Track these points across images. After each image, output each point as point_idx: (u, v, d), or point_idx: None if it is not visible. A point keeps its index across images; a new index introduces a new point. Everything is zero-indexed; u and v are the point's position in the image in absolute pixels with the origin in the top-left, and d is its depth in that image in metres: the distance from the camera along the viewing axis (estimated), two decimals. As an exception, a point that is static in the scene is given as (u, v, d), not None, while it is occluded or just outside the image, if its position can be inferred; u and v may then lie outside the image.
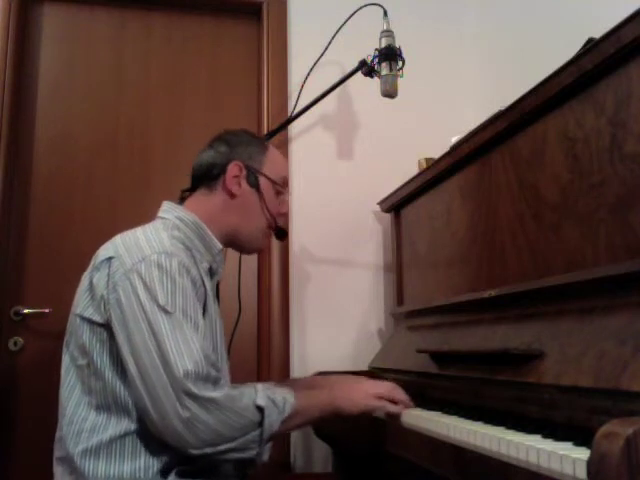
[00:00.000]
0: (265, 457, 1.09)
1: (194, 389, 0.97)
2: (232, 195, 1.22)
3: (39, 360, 1.86)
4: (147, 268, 1.03)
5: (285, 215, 1.34)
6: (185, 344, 1.00)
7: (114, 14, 2.13)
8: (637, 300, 0.90)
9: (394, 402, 1.18)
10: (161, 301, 1.01)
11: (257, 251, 1.34)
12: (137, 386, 1.00)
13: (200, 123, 2.10)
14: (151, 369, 0.99)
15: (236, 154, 1.24)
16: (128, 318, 1.01)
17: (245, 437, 1.01)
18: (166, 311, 1.01)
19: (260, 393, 1.04)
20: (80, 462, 1.02)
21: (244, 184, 1.23)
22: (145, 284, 1.02)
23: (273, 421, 1.03)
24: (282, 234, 1.35)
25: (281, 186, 1.29)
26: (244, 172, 1.23)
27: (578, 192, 1.08)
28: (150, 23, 2.15)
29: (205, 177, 1.24)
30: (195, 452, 0.99)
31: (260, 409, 1.02)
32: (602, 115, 1.03)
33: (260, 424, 1.02)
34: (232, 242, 1.27)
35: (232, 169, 1.22)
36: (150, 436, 1.03)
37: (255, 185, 1.24)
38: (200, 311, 1.08)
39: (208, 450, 0.99)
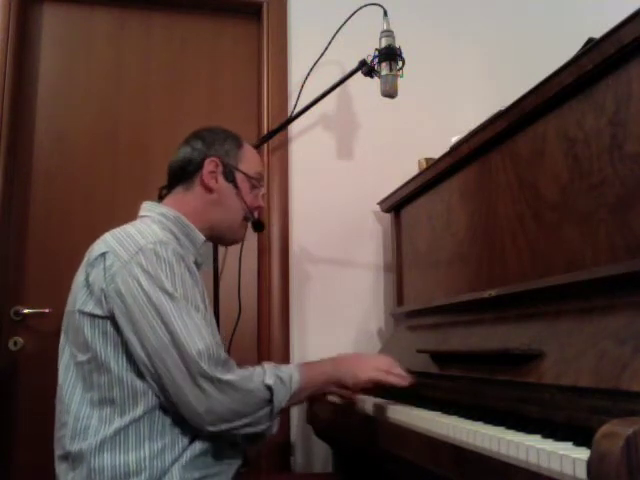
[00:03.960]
0: (275, 429, 1.14)
1: (209, 371, 1.02)
2: (209, 190, 1.26)
3: (39, 360, 1.86)
4: (145, 257, 1.06)
5: (261, 209, 1.38)
6: (193, 326, 1.04)
7: (114, 14, 2.12)
8: (637, 300, 0.90)
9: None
10: (164, 286, 1.05)
11: (236, 242, 1.39)
12: (149, 371, 1.04)
13: (200, 123, 2.06)
14: (162, 351, 1.02)
15: (212, 150, 1.28)
16: (132, 307, 1.04)
17: (257, 413, 1.07)
18: (171, 295, 1.04)
19: (268, 372, 1.10)
20: (87, 456, 1.04)
21: (220, 179, 1.27)
22: (146, 272, 1.05)
23: (281, 398, 1.09)
24: (259, 226, 1.40)
25: (257, 181, 1.33)
26: (220, 167, 1.27)
27: (578, 192, 1.08)
28: (150, 23, 2.15)
29: (181, 174, 1.28)
30: (212, 429, 1.05)
31: (269, 388, 1.07)
32: (602, 115, 1.03)
33: (270, 401, 1.08)
34: (211, 235, 1.30)
35: (208, 165, 1.26)
36: (154, 424, 1.06)
37: (232, 180, 1.28)
38: (199, 297, 1.11)
39: (224, 426, 1.05)
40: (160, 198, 1.31)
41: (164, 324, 1.03)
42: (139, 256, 1.06)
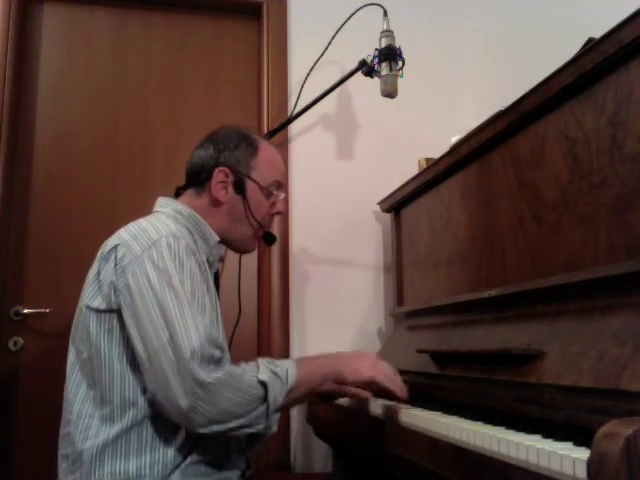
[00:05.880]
0: (274, 428, 1.09)
1: (200, 373, 0.97)
2: (217, 202, 1.22)
3: (39, 360, 1.86)
4: (158, 251, 1.04)
5: (278, 214, 1.32)
6: (192, 323, 1.01)
7: (114, 14, 2.13)
8: (637, 300, 0.90)
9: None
10: (172, 282, 1.03)
11: (248, 252, 1.35)
12: (146, 368, 1.02)
13: (200, 123, 2.10)
14: (159, 349, 0.99)
15: (223, 158, 1.22)
16: (137, 300, 1.02)
17: (252, 413, 1.01)
18: (176, 291, 1.02)
19: (262, 368, 1.04)
20: (87, 458, 1.03)
21: (230, 190, 1.22)
22: (156, 266, 1.03)
23: (277, 394, 1.03)
24: (270, 240, 1.34)
25: (273, 188, 1.27)
26: (230, 177, 1.21)
27: (578, 192, 1.08)
28: (150, 23, 2.15)
29: (193, 178, 1.25)
30: (203, 430, 0.99)
31: (263, 384, 1.02)
32: (602, 115, 1.03)
33: (265, 399, 1.02)
34: (223, 242, 1.27)
35: (217, 175, 1.21)
36: (155, 430, 1.05)
37: (241, 191, 1.22)
38: (206, 293, 1.09)
39: (216, 428, 1.00)
40: (176, 196, 1.27)
41: (165, 322, 1.00)
42: (151, 250, 1.04)
